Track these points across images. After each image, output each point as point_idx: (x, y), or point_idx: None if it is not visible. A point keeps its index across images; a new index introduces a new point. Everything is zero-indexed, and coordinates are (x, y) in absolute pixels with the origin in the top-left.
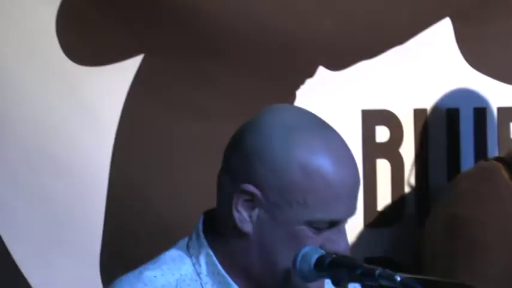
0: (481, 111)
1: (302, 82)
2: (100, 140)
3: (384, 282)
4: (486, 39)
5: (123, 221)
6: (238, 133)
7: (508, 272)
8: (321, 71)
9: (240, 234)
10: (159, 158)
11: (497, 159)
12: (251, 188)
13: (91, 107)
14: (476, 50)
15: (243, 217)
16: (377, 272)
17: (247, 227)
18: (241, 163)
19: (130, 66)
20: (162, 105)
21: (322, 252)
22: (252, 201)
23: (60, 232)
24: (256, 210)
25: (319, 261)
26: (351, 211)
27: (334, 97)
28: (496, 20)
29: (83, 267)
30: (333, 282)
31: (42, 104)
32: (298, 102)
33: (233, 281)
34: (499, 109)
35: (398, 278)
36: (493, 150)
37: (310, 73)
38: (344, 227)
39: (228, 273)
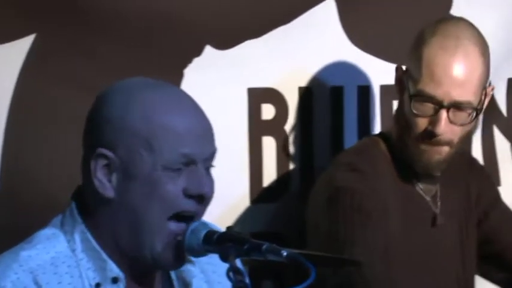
0: (364, 89)
1: (189, 61)
2: None
3: (270, 257)
4: (368, 18)
5: (16, 199)
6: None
7: (391, 240)
8: (208, 50)
9: (105, 201)
10: (50, 137)
11: (378, 134)
12: (103, 150)
13: None
14: (359, 30)
15: (103, 183)
16: (264, 246)
17: (109, 192)
18: (91, 131)
19: (23, 45)
20: (53, 84)
21: (210, 227)
22: (108, 166)
23: None
24: (115, 174)
25: (208, 236)
26: (204, 150)
27: (220, 75)
28: (378, 0)
29: None
30: (221, 257)
31: None
32: (185, 81)
33: (108, 255)
34: (382, 87)
35: (285, 253)
36: (376, 127)
37: (198, 52)
38: (202, 169)
39: (103, 248)
